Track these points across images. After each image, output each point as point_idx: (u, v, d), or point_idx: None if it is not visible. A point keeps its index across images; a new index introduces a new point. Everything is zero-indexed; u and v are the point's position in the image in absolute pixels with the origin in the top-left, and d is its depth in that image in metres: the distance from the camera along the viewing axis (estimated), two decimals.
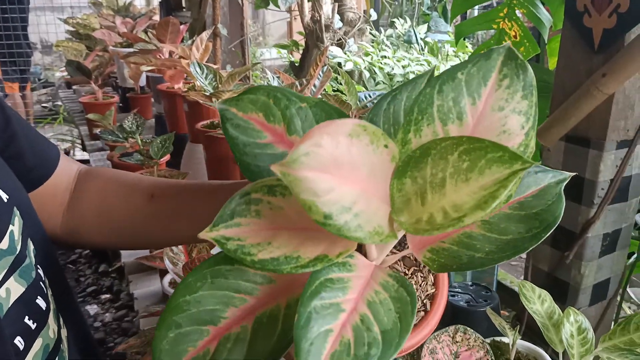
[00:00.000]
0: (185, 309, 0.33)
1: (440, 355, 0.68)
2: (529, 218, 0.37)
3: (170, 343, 0.32)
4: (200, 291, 0.33)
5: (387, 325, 0.30)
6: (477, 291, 0.99)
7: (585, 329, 0.68)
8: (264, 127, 0.38)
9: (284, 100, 0.38)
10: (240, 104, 0.38)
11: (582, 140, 0.88)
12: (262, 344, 0.32)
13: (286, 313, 0.33)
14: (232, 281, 0.34)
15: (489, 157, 0.29)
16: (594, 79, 0.83)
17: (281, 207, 0.34)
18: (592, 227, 0.89)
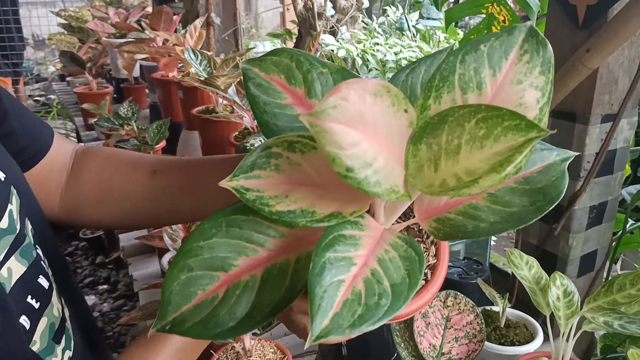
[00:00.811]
0: (198, 254, 0.34)
1: (432, 319, 0.71)
2: (534, 192, 0.39)
3: (181, 284, 0.33)
4: (214, 238, 0.34)
5: (397, 280, 0.32)
6: (468, 265, 1.02)
7: (571, 292, 0.71)
8: (285, 88, 0.40)
9: (306, 64, 0.40)
10: (263, 64, 0.40)
11: (568, 115, 0.91)
12: (270, 293, 0.34)
13: (295, 267, 0.35)
14: (245, 231, 0.35)
15: (506, 125, 0.29)
16: (579, 54, 0.86)
17: (299, 163, 0.35)
18: (579, 199, 0.92)
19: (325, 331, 0.29)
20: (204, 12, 2.34)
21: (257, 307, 0.34)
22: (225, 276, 0.34)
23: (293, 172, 0.35)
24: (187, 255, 0.34)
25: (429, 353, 0.69)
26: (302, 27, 2.11)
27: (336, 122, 0.28)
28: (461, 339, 0.70)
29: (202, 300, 0.33)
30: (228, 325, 0.33)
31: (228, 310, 0.33)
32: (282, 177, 0.34)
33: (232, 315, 0.33)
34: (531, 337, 0.83)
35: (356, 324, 0.29)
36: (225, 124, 1.36)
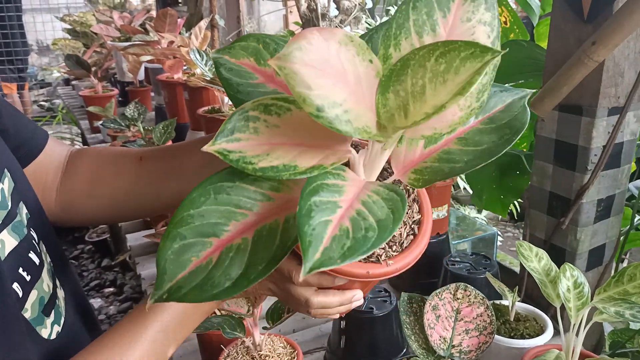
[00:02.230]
0: (190, 222, 0.35)
1: (442, 312, 0.71)
2: (500, 128, 0.42)
3: (175, 253, 0.34)
4: (203, 206, 0.35)
5: (381, 216, 0.33)
6: (477, 260, 1.02)
7: (581, 283, 0.71)
8: (255, 70, 0.42)
9: (272, 44, 0.42)
10: (233, 51, 0.42)
11: (575, 108, 0.91)
12: (262, 253, 0.35)
13: (284, 227, 0.36)
14: (234, 197, 0.36)
15: (463, 56, 0.31)
16: (585, 47, 0.86)
17: (277, 125, 0.36)
18: (586, 192, 0.92)
19: (318, 263, 0.30)
20: (208, 15, 2.35)
21: (251, 266, 0.35)
22: (217, 241, 0.35)
23: (272, 134, 0.36)
24: (179, 224, 0.35)
25: (439, 345, 0.69)
26: (306, 28, 2.11)
27: (302, 63, 0.29)
28: (471, 331, 0.70)
29: (197, 267, 0.34)
30: (224, 286, 0.34)
31: (223, 272, 0.34)
32: (261, 139, 0.36)
33: (227, 277, 0.34)
34: (541, 330, 0.83)
35: (346, 255, 0.31)
36: None
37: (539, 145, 0.99)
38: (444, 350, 0.69)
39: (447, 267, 0.99)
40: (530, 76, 1.29)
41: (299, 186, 0.37)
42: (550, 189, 0.98)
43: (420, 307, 0.74)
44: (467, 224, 1.74)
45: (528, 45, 1.26)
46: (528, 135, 1.35)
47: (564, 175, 0.94)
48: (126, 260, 2.35)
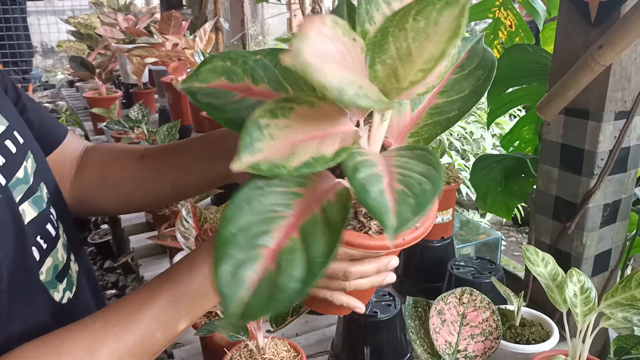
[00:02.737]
0: (233, 240, 0.34)
1: (448, 316, 0.70)
2: (473, 72, 0.45)
3: (231, 275, 0.33)
4: (241, 220, 0.35)
5: (423, 170, 0.35)
6: (482, 264, 1.01)
7: (588, 288, 0.70)
8: (230, 87, 0.42)
9: (240, 59, 0.42)
10: (201, 76, 0.42)
11: (581, 112, 0.90)
12: (316, 245, 0.34)
13: (324, 216, 0.36)
14: (267, 204, 0.36)
15: (439, 7, 0.32)
16: (591, 51, 0.85)
17: (287, 125, 0.36)
18: (592, 197, 0.91)
19: (400, 220, 0.31)
20: (212, 17, 2.36)
21: (312, 261, 0.34)
22: (268, 250, 0.35)
23: (286, 135, 0.36)
24: (224, 245, 0.34)
25: (444, 350, 0.68)
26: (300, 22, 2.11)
27: (311, 54, 0.30)
28: (477, 336, 0.70)
29: (259, 281, 0.33)
30: (295, 288, 0.33)
31: (287, 277, 0.33)
32: (279, 142, 0.36)
33: (293, 279, 0.33)
34: (547, 336, 0.82)
35: (417, 210, 0.32)
36: None
37: (544, 149, 0.98)
38: (450, 355, 0.68)
39: (452, 271, 0.99)
40: (535, 80, 1.28)
41: (319, 176, 0.39)
42: (556, 193, 0.97)
43: (425, 312, 0.73)
44: (471, 227, 1.74)
45: (533, 49, 1.26)
46: (533, 139, 1.35)
47: (570, 180, 0.94)
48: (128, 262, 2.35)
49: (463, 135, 2.69)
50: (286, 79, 0.43)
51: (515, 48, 1.30)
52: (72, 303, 0.61)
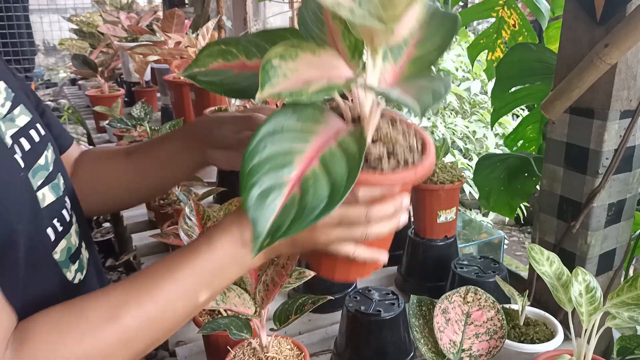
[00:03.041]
0: (258, 170, 0.37)
1: (452, 315, 0.70)
2: (440, 25, 0.48)
3: (258, 200, 0.36)
4: (265, 152, 0.38)
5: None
6: (485, 263, 1.01)
7: (593, 287, 0.70)
8: (227, 66, 0.46)
9: (233, 41, 0.47)
10: (200, 62, 0.46)
11: (586, 111, 0.90)
12: (338, 169, 0.39)
13: (341, 148, 0.41)
14: (286, 139, 0.39)
15: None
16: (597, 49, 0.85)
17: (296, 69, 0.40)
18: (597, 196, 0.91)
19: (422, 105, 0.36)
20: (215, 16, 2.35)
21: (335, 183, 0.38)
22: (292, 177, 0.39)
23: (297, 75, 0.40)
24: (250, 175, 0.37)
25: (449, 349, 0.68)
26: None
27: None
28: (482, 336, 0.69)
29: (285, 204, 0.37)
30: (321, 205, 0.37)
31: (313, 196, 0.37)
32: (294, 79, 0.40)
33: (319, 198, 0.38)
34: (551, 335, 0.82)
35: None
36: None
37: (549, 148, 0.98)
38: (454, 355, 0.68)
39: (455, 270, 0.98)
40: (539, 79, 1.28)
41: (332, 119, 0.44)
42: (560, 192, 0.97)
43: (429, 310, 0.73)
44: (473, 227, 1.73)
45: (537, 47, 1.25)
46: (537, 138, 1.34)
47: (575, 179, 0.93)
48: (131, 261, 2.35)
49: (466, 135, 2.69)
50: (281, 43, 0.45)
51: (519, 47, 1.29)
52: (82, 284, 0.65)
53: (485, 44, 1.47)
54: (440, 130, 2.51)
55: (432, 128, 2.48)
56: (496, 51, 1.45)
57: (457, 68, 2.86)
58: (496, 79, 1.29)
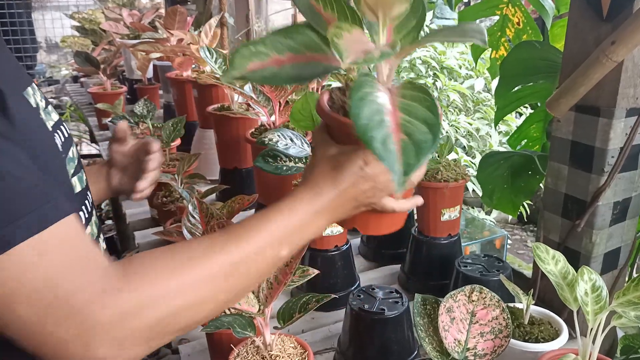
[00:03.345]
0: (370, 126, 0.45)
1: (457, 314, 0.69)
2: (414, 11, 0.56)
3: (383, 149, 0.43)
4: (364, 112, 0.45)
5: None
6: (489, 262, 1.00)
7: (599, 286, 0.69)
8: (262, 65, 0.51)
9: (259, 42, 0.52)
10: (236, 65, 0.50)
11: (592, 109, 0.89)
12: (418, 113, 0.47)
13: (406, 98, 0.49)
14: (369, 100, 0.47)
15: None
16: (603, 47, 0.84)
17: (350, 44, 0.49)
18: (602, 195, 0.90)
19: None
20: (217, 13, 2.35)
21: (425, 118, 0.47)
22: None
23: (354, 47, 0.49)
24: (366, 131, 0.44)
25: (454, 348, 0.68)
26: None
27: None
28: (487, 334, 0.69)
29: (402, 147, 0.44)
30: (430, 137, 0.45)
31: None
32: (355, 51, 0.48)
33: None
34: (556, 334, 0.81)
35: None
36: (241, 121, 1.36)
37: (554, 146, 0.97)
38: (459, 353, 0.68)
39: (459, 268, 0.98)
40: (543, 77, 1.27)
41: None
42: (565, 191, 0.96)
43: (434, 309, 0.72)
44: (476, 225, 1.73)
45: (542, 45, 1.25)
46: (540, 137, 1.33)
47: (580, 177, 0.93)
48: None
49: (469, 132, 2.69)
50: (299, 43, 0.53)
51: (524, 45, 1.28)
52: None
53: (489, 42, 1.46)
54: (444, 127, 2.51)
55: None
56: (500, 49, 1.44)
57: (460, 65, 2.85)
58: (500, 77, 1.29)
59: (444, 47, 2.50)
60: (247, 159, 1.42)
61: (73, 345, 0.43)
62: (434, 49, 2.42)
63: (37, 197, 0.44)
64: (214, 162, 1.55)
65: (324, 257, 1.07)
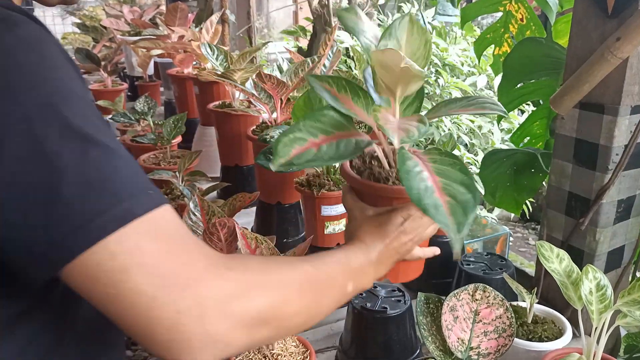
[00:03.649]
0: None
1: (460, 313, 0.69)
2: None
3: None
4: (414, 184, 0.51)
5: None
6: (492, 260, 1.00)
7: (604, 285, 0.69)
8: (303, 149, 0.57)
9: (294, 128, 0.57)
10: (281, 153, 0.55)
11: (597, 107, 0.89)
12: (452, 176, 0.53)
13: (437, 163, 0.55)
14: (414, 172, 0.53)
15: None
16: (608, 43, 0.84)
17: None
18: (606, 193, 0.89)
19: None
20: (218, 10, 2.34)
21: (462, 180, 0.53)
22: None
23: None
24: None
25: (457, 347, 0.67)
26: (317, 24, 2.09)
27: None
28: (490, 334, 0.68)
29: (449, 209, 0.50)
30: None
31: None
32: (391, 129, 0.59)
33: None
34: (560, 333, 0.80)
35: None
36: (243, 118, 1.35)
37: (558, 143, 0.96)
38: (462, 353, 0.67)
39: (462, 267, 0.97)
40: (546, 74, 1.26)
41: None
42: (569, 188, 0.95)
43: (437, 308, 0.72)
44: (478, 223, 1.72)
45: (545, 42, 1.24)
46: (544, 134, 1.33)
47: (584, 175, 0.92)
48: None
49: (471, 129, 2.67)
50: (326, 124, 0.60)
51: (527, 42, 1.27)
52: None
53: (492, 39, 1.45)
54: (447, 124, 2.49)
55: (438, 122, 2.47)
56: (503, 46, 1.43)
57: (462, 63, 2.84)
58: (503, 74, 1.28)
59: (446, 44, 2.49)
60: (248, 156, 1.41)
61: (186, 317, 0.43)
62: (437, 45, 2.40)
63: (147, 181, 0.46)
64: (215, 159, 1.54)
65: None
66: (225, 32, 2.08)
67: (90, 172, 0.42)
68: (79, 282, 0.42)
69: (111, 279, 0.42)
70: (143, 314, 0.42)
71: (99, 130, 0.44)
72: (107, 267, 0.41)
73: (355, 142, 0.59)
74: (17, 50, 0.42)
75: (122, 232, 0.42)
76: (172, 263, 0.44)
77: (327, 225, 1.03)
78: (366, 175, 0.66)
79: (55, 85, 0.43)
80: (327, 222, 1.03)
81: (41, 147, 0.40)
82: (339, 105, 0.61)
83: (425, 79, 0.61)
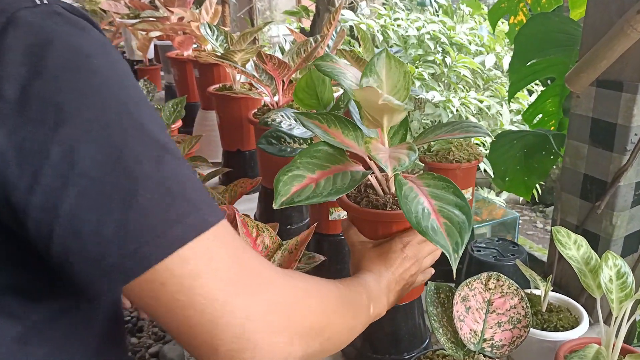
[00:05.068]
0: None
1: (473, 303, 0.66)
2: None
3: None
4: (412, 209, 0.55)
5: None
6: (504, 246, 0.96)
7: (624, 273, 0.65)
8: (303, 186, 0.60)
9: (293, 166, 0.61)
10: (282, 192, 0.58)
11: (614, 84, 0.84)
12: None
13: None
14: (414, 202, 0.56)
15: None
16: (628, 16, 0.79)
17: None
18: (624, 175, 0.85)
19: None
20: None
21: (461, 207, 0.56)
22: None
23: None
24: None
25: (469, 339, 0.64)
26: (320, 4, 2.04)
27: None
28: (504, 324, 0.65)
29: (447, 233, 0.54)
30: (466, 222, 0.55)
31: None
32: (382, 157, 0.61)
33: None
34: (576, 322, 0.77)
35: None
36: (244, 101, 1.31)
37: (573, 123, 0.92)
38: (475, 345, 0.64)
39: (472, 253, 0.94)
40: (559, 51, 1.21)
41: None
42: (584, 171, 0.91)
43: (448, 298, 0.68)
44: (487, 207, 1.68)
45: (558, 18, 1.19)
46: (557, 112, 1.28)
47: (601, 156, 0.88)
48: None
49: (480, 109, 2.61)
50: (322, 159, 0.63)
51: (538, 17, 1.22)
52: None
53: (507, 8, 1.40)
54: (455, 104, 2.44)
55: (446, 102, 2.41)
56: (519, 14, 1.38)
57: (470, 41, 2.77)
58: (514, 51, 1.23)
59: (453, 23, 2.42)
60: (250, 140, 1.37)
61: (255, 323, 0.43)
62: (443, 24, 2.34)
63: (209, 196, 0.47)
64: (217, 144, 1.51)
65: (330, 241, 1.03)
66: (226, 13, 2.02)
67: (167, 180, 0.41)
68: (145, 291, 0.41)
69: (182, 285, 0.41)
70: (212, 321, 0.42)
71: (168, 138, 0.44)
72: (179, 273, 0.41)
73: (351, 175, 0.62)
74: (93, 55, 0.41)
75: (197, 239, 0.41)
76: (242, 269, 0.44)
77: (331, 211, 1.00)
78: (364, 204, 0.69)
79: (129, 92, 0.42)
80: (332, 207, 1.00)
81: (120, 154, 0.39)
82: (331, 139, 0.64)
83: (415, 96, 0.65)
